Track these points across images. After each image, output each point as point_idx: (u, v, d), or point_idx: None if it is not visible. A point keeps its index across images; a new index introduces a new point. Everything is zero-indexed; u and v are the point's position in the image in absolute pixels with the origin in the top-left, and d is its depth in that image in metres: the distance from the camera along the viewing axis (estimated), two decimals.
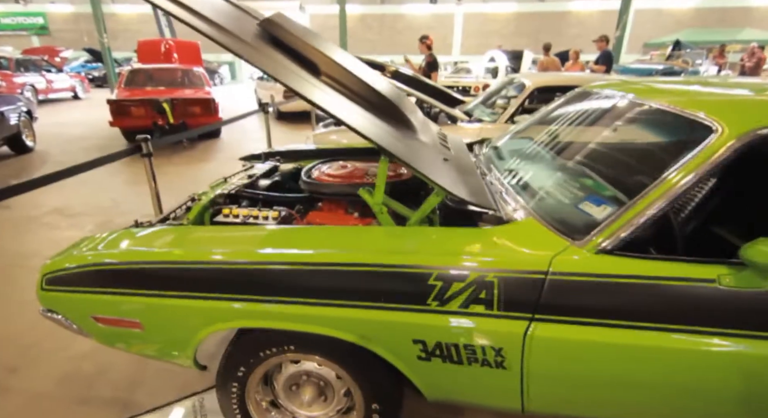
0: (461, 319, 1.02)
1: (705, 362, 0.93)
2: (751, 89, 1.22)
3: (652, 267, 0.95)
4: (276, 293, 1.09)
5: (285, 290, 1.08)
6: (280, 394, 1.32)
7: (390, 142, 1.20)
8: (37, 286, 1.23)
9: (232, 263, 1.12)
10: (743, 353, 0.91)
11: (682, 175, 0.97)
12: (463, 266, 1.02)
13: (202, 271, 1.12)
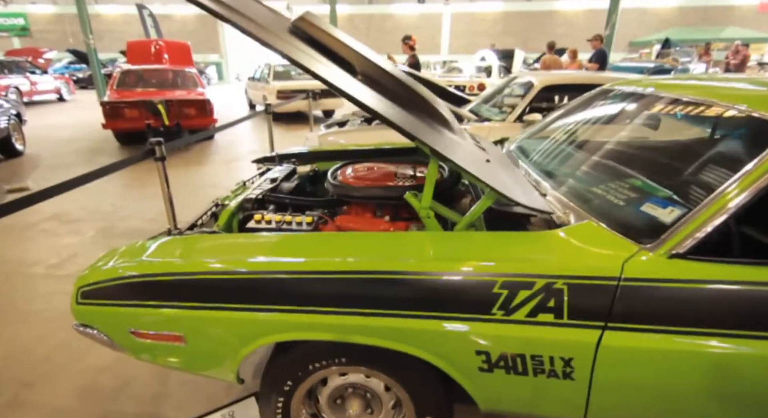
0: (529, 329, 0.98)
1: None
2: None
3: (733, 272, 0.92)
4: (330, 304, 1.03)
5: (339, 300, 1.03)
6: (324, 408, 1.27)
7: (439, 145, 1.16)
8: (71, 299, 1.16)
9: (283, 273, 1.06)
10: None
11: (759, 175, 0.94)
12: (529, 273, 0.98)
13: (251, 281, 1.06)
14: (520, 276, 0.98)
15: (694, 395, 0.97)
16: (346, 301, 1.03)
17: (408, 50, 5.47)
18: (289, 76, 9.01)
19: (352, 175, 1.73)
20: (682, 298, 0.93)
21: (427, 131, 1.23)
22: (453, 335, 1.01)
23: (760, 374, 0.92)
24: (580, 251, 1.02)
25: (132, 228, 3.29)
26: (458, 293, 1.00)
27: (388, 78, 1.43)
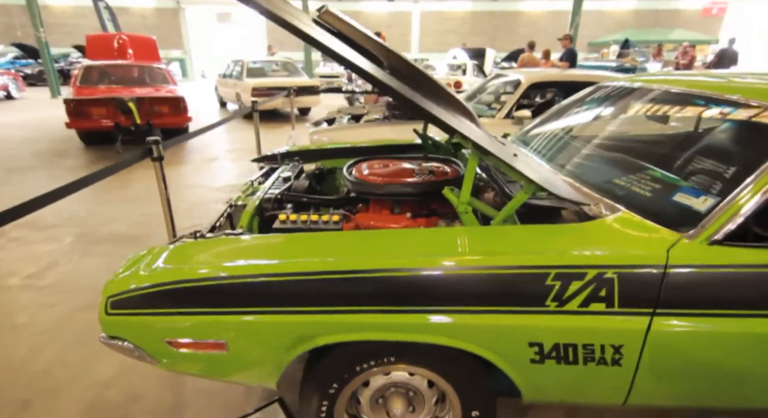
0: (582, 318, 1.00)
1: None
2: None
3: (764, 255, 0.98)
4: (379, 303, 1.02)
5: (391, 298, 1.02)
6: (365, 409, 1.25)
7: (481, 140, 1.16)
8: (100, 310, 1.08)
9: (328, 273, 1.03)
10: None
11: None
12: (580, 264, 1.00)
13: (296, 283, 1.03)
14: (571, 267, 1.00)
15: (735, 375, 1.03)
16: (398, 299, 1.02)
17: None
18: (264, 73, 8.80)
19: (370, 172, 1.71)
20: (724, 282, 0.98)
21: (464, 125, 1.23)
22: (507, 329, 1.02)
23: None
24: (624, 241, 1.06)
25: (115, 233, 3.11)
26: (511, 287, 1.01)
27: (415, 71, 1.42)
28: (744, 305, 0.98)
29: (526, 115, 3.27)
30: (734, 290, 0.98)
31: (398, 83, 1.23)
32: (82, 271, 2.57)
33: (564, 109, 2.12)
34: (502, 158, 1.13)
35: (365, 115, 4.38)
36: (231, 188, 4.19)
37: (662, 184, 1.26)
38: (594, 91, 2.03)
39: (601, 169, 1.51)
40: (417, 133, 2.25)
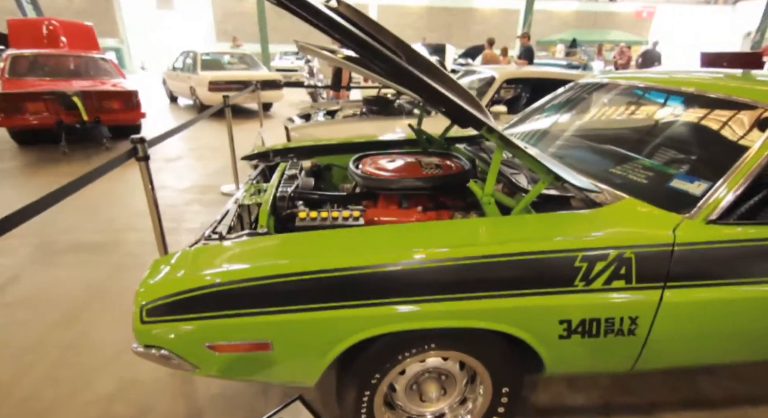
0: (605, 295, 1.11)
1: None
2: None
3: (758, 232, 1.14)
4: (420, 292, 1.07)
5: (429, 287, 1.07)
6: (401, 396, 1.30)
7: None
8: (134, 320, 1.03)
9: (368, 267, 1.06)
10: None
11: (762, 152, 1.16)
12: (603, 246, 1.11)
13: (341, 278, 1.05)
14: (596, 249, 1.10)
15: (731, 335, 1.19)
16: (443, 288, 1.07)
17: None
18: (220, 65, 8.43)
19: (380, 167, 1.74)
20: (721, 256, 1.13)
21: (489, 119, 1.30)
22: (541, 309, 1.11)
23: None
24: (636, 223, 1.18)
25: (79, 242, 2.89)
26: (544, 270, 1.10)
27: (431, 65, 1.47)
28: (738, 274, 1.13)
29: (501, 110, 3.42)
30: (729, 262, 1.13)
31: (427, 76, 1.26)
32: (49, 284, 2.38)
33: (548, 104, 2.27)
34: (527, 151, 1.22)
35: (339, 110, 4.37)
36: (201, 189, 4.03)
37: (655, 172, 1.40)
38: (576, 88, 2.18)
39: (596, 161, 1.64)
40: (412, 128, 2.30)
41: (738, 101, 1.34)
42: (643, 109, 1.74)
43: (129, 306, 2.17)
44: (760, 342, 1.24)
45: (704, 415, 1.57)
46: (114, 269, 2.53)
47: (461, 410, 1.34)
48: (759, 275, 1.13)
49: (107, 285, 2.37)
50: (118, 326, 2.01)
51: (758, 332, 1.21)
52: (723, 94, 1.39)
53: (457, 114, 1.20)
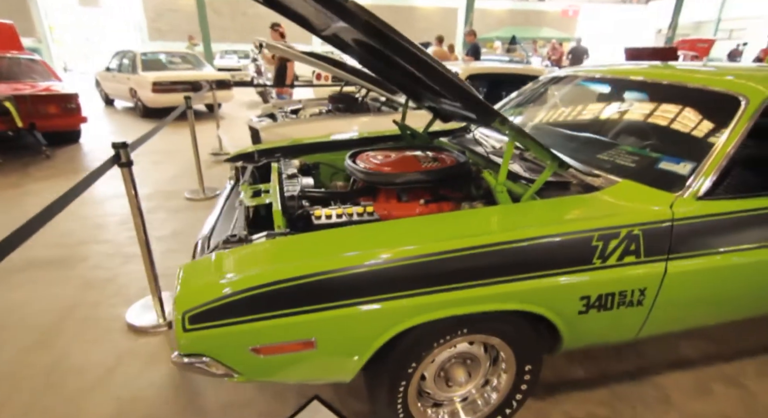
0: (619, 270, 1.21)
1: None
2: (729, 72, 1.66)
3: (737, 204, 1.29)
4: (456, 280, 1.10)
5: (463, 275, 1.10)
6: (430, 383, 1.33)
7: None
8: (176, 328, 0.97)
9: (406, 259, 1.08)
10: None
11: (735, 133, 1.32)
12: (615, 225, 1.21)
13: (381, 272, 1.06)
14: (610, 229, 1.20)
15: (724, 298, 1.34)
16: (477, 274, 1.11)
17: (278, 38, 5.13)
18: (163, 65, 7.91)
19: (381, 163, 1.75)
20: (713, 228, 1.27)
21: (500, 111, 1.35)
22: (564, 287, 1.18)
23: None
24: (638, 203, 1.29)
25: (34, 258, 2.61)
26: (566, 251, 1.17)
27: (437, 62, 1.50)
28: (727, 244, 1.28)
29: None
30: (719, 233, 1.28)
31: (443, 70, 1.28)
32: (13, 307, 2.14)
33: (523, 98, 2.39)
34: (538, 140, 1.29)
35: (302, 109, 4.29)
36: (164, 195, 3.79)
37: (640, 156, 1.54)
38: (549, 82, 2.32)
39: (581, 149, 1.76)
40: (396, 123, 2.33)
41: (709, 90, 1.50)
42: (618, 99, 1.90)
43: (108, 322, 2.01)
44: (746, 303, 1.42)
45: (686, 373, 1.75)
46: (83, 285, 2.33)
47: (487, 389, 1.40)
48: (745, 242, 1.29)
49: (79, 302, 2.17)
50: (100, 344, 1.86)
51: (745, 294, 1.38)
52: (698, 84, 1.55)
53: (475, 107, 1.25)
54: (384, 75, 2.05)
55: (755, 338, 1.96)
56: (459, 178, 1.73)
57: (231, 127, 6.90)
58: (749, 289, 1.38)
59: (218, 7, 19.14)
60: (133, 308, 2.09)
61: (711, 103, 1.49)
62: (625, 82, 1.85)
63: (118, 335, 1.93)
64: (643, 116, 1.72)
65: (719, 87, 1.47)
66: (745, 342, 1.93)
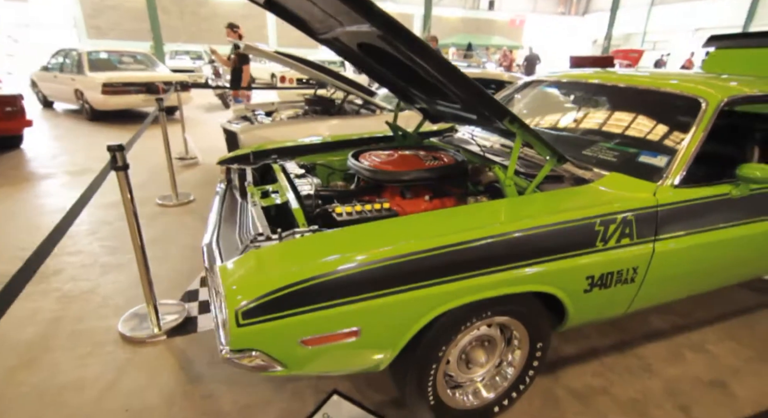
0: (617, 251, 1.36)
1: (745, 239, 1.57)
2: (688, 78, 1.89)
3: (704, 191, 1.49)
4: (489, 265, 1.20)
5: (496, 260, 1.21)
6: (453, 366, 1.41)
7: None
8: (230, 324, 0.98)
9: (439, 249, 1.16)
10: (747, 232, 1.55)
11: (699, 130, 1.53)
12: (612, 211, 1.36)
13: (416, 261, 1.13)
14: (608, 215, 1.35)
15: (701, 271, 1.54)
16: (504, 259, 1.21)
17: (236, 39, 5.05)
18: (113, 65, 7.46)
19: (384, 161, 1.82)
20: (689, 211, 1.46)
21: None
22: (574, 268, 1.31)
23: (733, 244, 1.55)
24: (627, 192, 1.45)
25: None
26: (575, 236, 1.31)
27: None
28: (702, 225, 1.48)
29: None
30: (694, 216, 1.47)
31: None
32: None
33: (503, 101, 2.56)
34: (543, 137, 1.42)
35: (275, 112, 4.26)
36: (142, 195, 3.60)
37: (620, 152, 1.73)
38: (526, 86, 2.51)
39: (567, 146, 1.93)
40: (389, 124, 2.41)
41: (676, 93, 1.72)
42: (595, 101, 2.10)
43: (99, 334, 1.92)
44: (718, 276, 1.63)
45: (660, 344, 1.97)
46: (63, 298, 2.18)
47: (503, 366, 1.50)
48: (715, 223, 1.50)
49: (61, 315, 2.04)
50: (95, 358, 1.77)
51: (717, 268, 1.59)
52: (667, 89, 1.76)
53: (488, 106, 1.35)
54: (379, 77, 2.13)
55: (712, 309, 2.23)
56: (459, 175, 1.84)
57: (193, 131, 6.64)
58: (720, 263, 1.60)
59: (166, 5, 18.25)
60: (125, 319, 2.00)
61: (678, 105, 1.70)
62: (600, 86, 2.05)
63: (113, 348, 1.85)
64: (619, 116, 1.92)
65: (683, 91, 1.69)
66: (705, 314, 2.20)
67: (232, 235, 1.85)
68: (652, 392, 1.69)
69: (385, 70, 1.94)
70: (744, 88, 1.67)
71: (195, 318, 2.04)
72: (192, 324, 2.00)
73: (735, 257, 1.62)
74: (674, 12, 21.48)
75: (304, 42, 18.60)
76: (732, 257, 1.61)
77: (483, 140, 2.22)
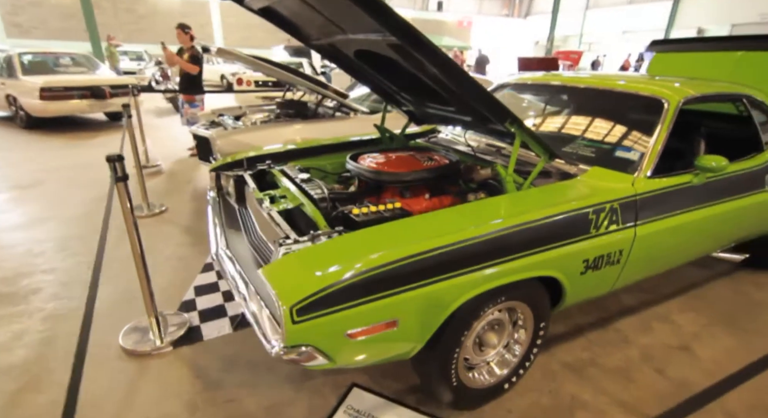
0: (607, 237, 1.55)
1: (705, 219, 1.81)
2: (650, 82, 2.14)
3: (671, 180, 1.72)
4: (500, 256, 1.33)
5: (507, 250, 1.34)
6: (468, 349, 1.53)
7: None
8: (285, 322, 1.03)
9: (461, 242, 1.27)
10: (706, 214, 1.81)
11: (664, 127, 1.76)
12: (602, 201, 1.54)
13: (445, 254, 1.24)
14: (599, 204, 1.53)
15: (675, 251, 1.77)
16: (519, 248, 1.35)
17: (188, 41, 4.93)
18: (49, 68, 6.91)
19: (384, 163, 1.90)
20: (660, 199, 1.68)
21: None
22: (573, 254, 1.48)
23: (699, 223, 1.79)
24: (610, 183, 1.65)
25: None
26: (574, 224, 1.47)
27: None
28: (672, 209, 1.71)
29: None
30: (666, 202, 1.70)
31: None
32: None
33: None
34: (539, 136, 1.58)
35: (244, 116, 4.19)
36: (102, 215, 3.42)
37: (596, 148, 1.94)
38: (502, 88, 2.69)
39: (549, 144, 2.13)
40: (376, 127, 2.49)
41: (642, 95, 1.95)
42: (569, 102, 2.31)
43: (100, 351, 1.85)
44: (685, 252, 1.88)
45: (632, 317, 2.22)
46: (48, 318, 2.07)
47: (511, 344, 1.65)
48: (682, 207, 1.74)
49: (52, 335, 1.94)
50: (102, 375, 1.71)
51: (686, 246, 1.84)
52: (633, 91, 1.99)
53: (493, 109, 1.48)
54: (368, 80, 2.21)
55: (671, 285, 2.53)
56: (454, 174, 1.96)
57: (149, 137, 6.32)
58: (687, 243, 1.85)
59: (98, 1, 17.01)
60: (125, 333, 1.94)
61: (644, 105, 1.93)
62: (574, 89, 2.27)
63: (118, 363, 1.79)
64: (593, 116, 2.14)
65: (648, 93, 1.93)
66: (666, 289, 2.49)
67: (239, 241, 1.87)
68: (632, 360, 1.92)
69: (376, 74, 2.03)
70: (696, 89, 1.93)
71: (198, 327, 2.02)
72: (196, 333, 1.98)
73: (698, 236, 1.89)
74: (605, 16, 23.25)
75: (250, 41, 18.06)
76: (696, 237, 1.87)
77: (470, 141, 2.37)
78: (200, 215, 3.44)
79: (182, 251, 2.80)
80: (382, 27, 1.24)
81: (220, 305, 2.20)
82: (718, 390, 1.12)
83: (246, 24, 19.88)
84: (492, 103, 1.47)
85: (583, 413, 1.62)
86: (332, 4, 1.41)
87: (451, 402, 1.52)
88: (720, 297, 2.43)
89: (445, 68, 1.34)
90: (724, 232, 2.02)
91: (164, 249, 2.81)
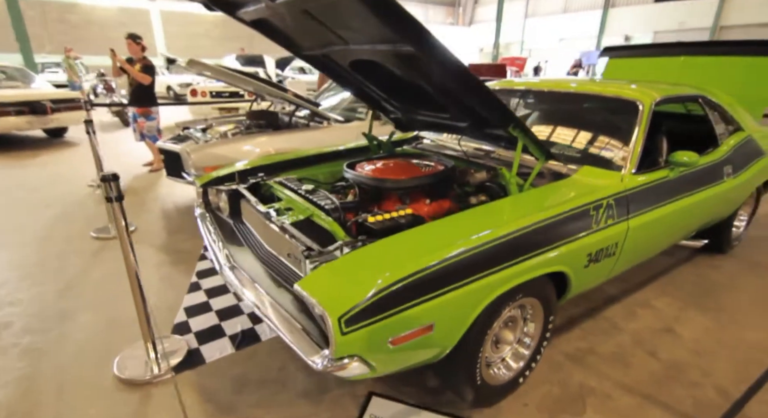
0: (606, 231, 1.66)
1: (681, 210, 1.98)
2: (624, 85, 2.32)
3: (652, 176, 1.88)
4: (520, 255, 1.39)
5: (526, 248, 1.40)
6: (487, 347, 1.57)
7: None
8: (334, 333, 1.02)
9: (485, 244, 1.32)
10: (682, 205, 1.98)
11: (642, 127, 1.92)
12: (599, 197, 1.65)
13: (470, 258, 1.28)
14: (597, 201, 1.64)
15: (660, 239, 1.92)
16: (532, 247, 1.42)
17: (139, 52, 4.77)
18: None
19: (382, 170, 1.92)
20: (645, 193, 1.83)
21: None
22: (581, 248, 1.57)
23: (679, 212, 1.96)
24: (602, 181, 1.77)
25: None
26: (578, 220, 1.57)
27: None
28: (656, 201, 1.86)
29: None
30: (651, 195, 1.85)
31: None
32: None
33: None
34: (540, 139, 1.67)
35: (210, 128, 4.05)
36: (63, 239, 3.15)
37: (583, 148, 2.07)
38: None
39: None
40: (365, 135, 2.50)
41: (619, 98, 2.10)
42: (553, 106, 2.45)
43: (93, 382, 1.71)
44: (665, 241, 2.05)
45: (618, 306, 2.37)
46: (26, 352, 1.87)
47: (524, 339, 1.71)
48: (663, 200, 1.89)
49: (35, 371, 1.76)
50: (102, 407, 1.58)
51: (665, 235, 2.00)
52: (611, 94, 2.14)
53: (500, 114, 1.54)
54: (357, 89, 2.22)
55: (646, 273, 2.74)
56: (452, 179, 2.02)
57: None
58: (667, 232, 2.01)
59: (27, 11, 15.70)
60: (119, 361, 1.80)
61: (621, 107, 2.09)
62: (553, 93, 2.41)
63: (117, 394, 1.66)
64: (576, 118, 2.28)
65: (625, 96, 2.09)
66: (642, 277, 2.69)
67: (243, 256, 1.80)
68: (625, 345, 2.05)
69: (367, 82, 2.05)
70: (662, 92, 2.12)
71: (197, 350, 1.92)
72: (197, 356, 1.87)
73: (676, 225, 2.06)
74: (543, 24, 24.82)
75: (194, 51, 17.40)
76: (674, 226, 2.05)
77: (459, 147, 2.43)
78: (173, 233, 3.27)
79: (163, 272, 2.65)
80: (401, 38, 1.27)
81: (216, 324, 2.11)
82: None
83: (190, 33, 19.16)
84: (500, 109, 1.54)
85: (593, 399, 1.71)
86: (344, 18, 1.41)
87: (473, 400, 1.55)
88: (686, 281, 2.66)
89: (459, 76, 1.38)
90: (694, 220, 2.23)
91: (143, 270, 2.63)
